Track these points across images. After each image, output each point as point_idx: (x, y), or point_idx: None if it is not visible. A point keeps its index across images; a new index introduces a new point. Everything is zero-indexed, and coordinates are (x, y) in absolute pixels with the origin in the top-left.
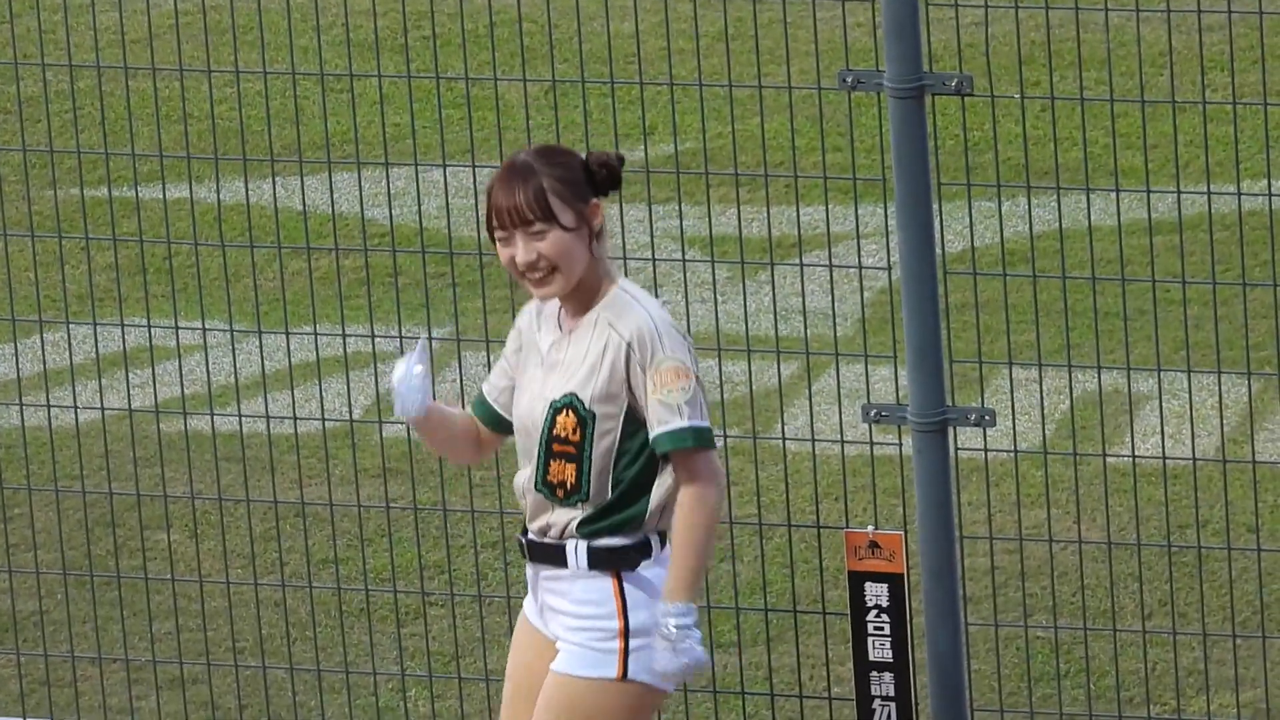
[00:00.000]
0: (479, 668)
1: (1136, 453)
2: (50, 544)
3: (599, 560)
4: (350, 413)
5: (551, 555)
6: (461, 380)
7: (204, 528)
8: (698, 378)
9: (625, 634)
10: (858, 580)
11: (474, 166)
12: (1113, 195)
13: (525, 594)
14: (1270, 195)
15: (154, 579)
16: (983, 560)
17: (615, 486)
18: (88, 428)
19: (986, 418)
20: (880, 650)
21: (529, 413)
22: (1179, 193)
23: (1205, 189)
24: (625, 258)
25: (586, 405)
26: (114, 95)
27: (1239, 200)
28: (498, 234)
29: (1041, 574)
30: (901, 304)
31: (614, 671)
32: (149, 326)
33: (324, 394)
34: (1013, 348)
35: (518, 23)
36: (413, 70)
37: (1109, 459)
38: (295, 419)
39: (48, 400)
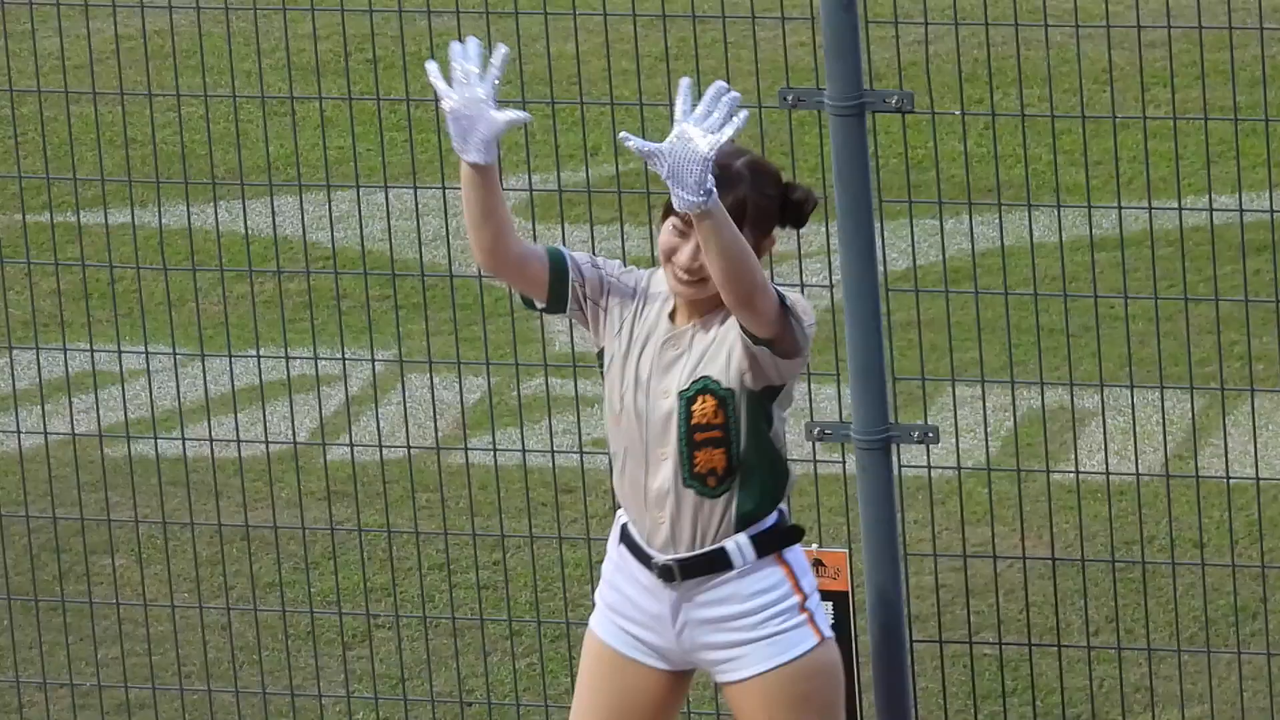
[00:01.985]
0: (425, 690)
1: (1081, 469)
2: None
3: (764, 547)
4: (294, 436)
5: (710, 564)
6: (405, 404)
7: (149, 552)
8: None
9: (804, 603)
10: None
11: (415, 187)
12: (1055, 212)
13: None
14: (1211, 211)
15: (99, 604)
16: (928, 578)
17: (764, 457)
18: (32, 453)
19: (930, 435)
20: None
21: (653, 410)
22: (1120, 209)
23: (1147, 205)
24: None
25: (724, 385)
26: (56, 120)
27: (1180, 216)
28: (677, 224)
29: (987, 591)
30: (844, 322)
31: (813, 639)
32: (92, 351)
33: (268, 417)
34: (956, 365)
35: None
36: (354, 93)
37: (1053, 475)
38: (239, 442)
39: None
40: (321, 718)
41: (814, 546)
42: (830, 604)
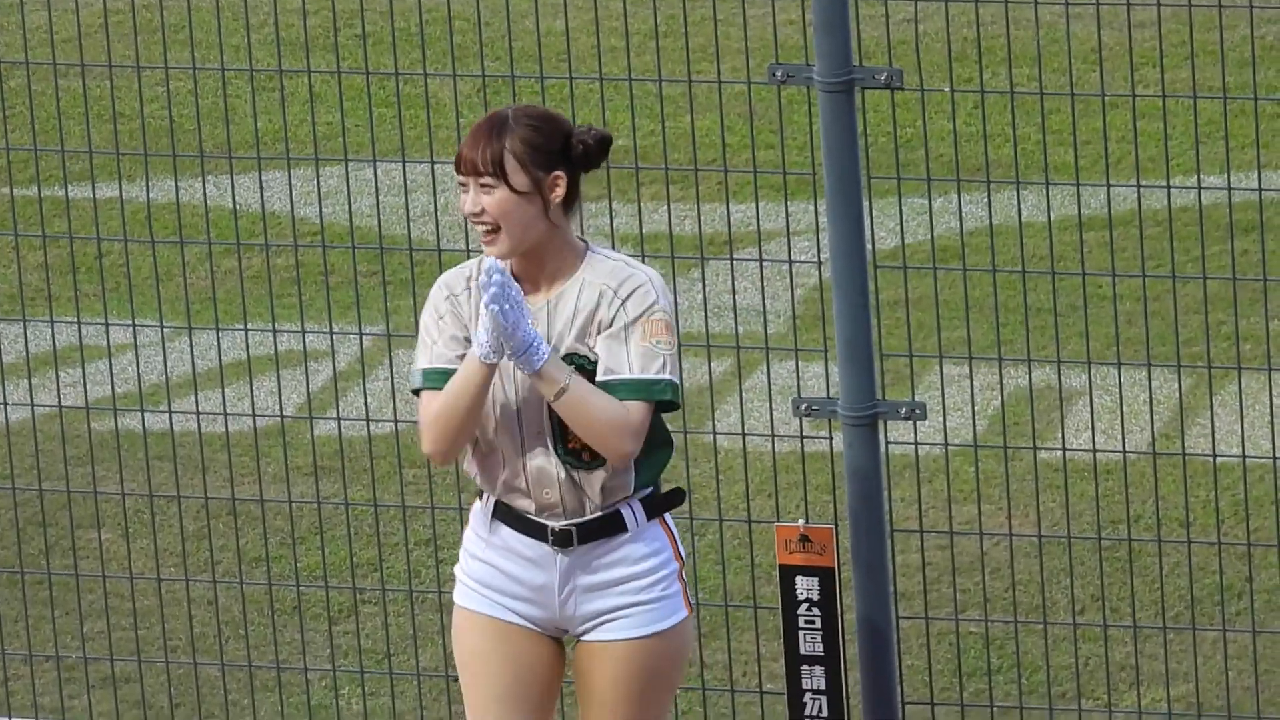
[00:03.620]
0: (411, 665)
1: (1068, 448)
2: None
3: (651, 510)
4: (281, 411)
5: (605, 527)
6: (393, 379)
7: (136, 526)
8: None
9: (680, 570)
10: (789, 574)
11: (404, 162)
12: (1043, 191)
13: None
14: (1200, 190)
15: (85, 577)
16: (914, 555)
17: None
18: (19, 426)
19: (917, 411)
20: (811, 644)
21: (515, 394)
22: (1109, 187)
23: (1136, 185)
24: None
25: (592, 359)
26: (44, 94)
27: (1169, 196)
28: (458, 179)
29: (973, 569)
30: (832, 299)
31: (684, 610)
32: (79, 325)
33: (255, 392)
34: (944, 343)
35: (448, 21)
36: (343, 68)
37: (1040, 454)
38: (226, 416)
39: None
40: (307, 692)
41: (800, 522)
42: (816, 579)
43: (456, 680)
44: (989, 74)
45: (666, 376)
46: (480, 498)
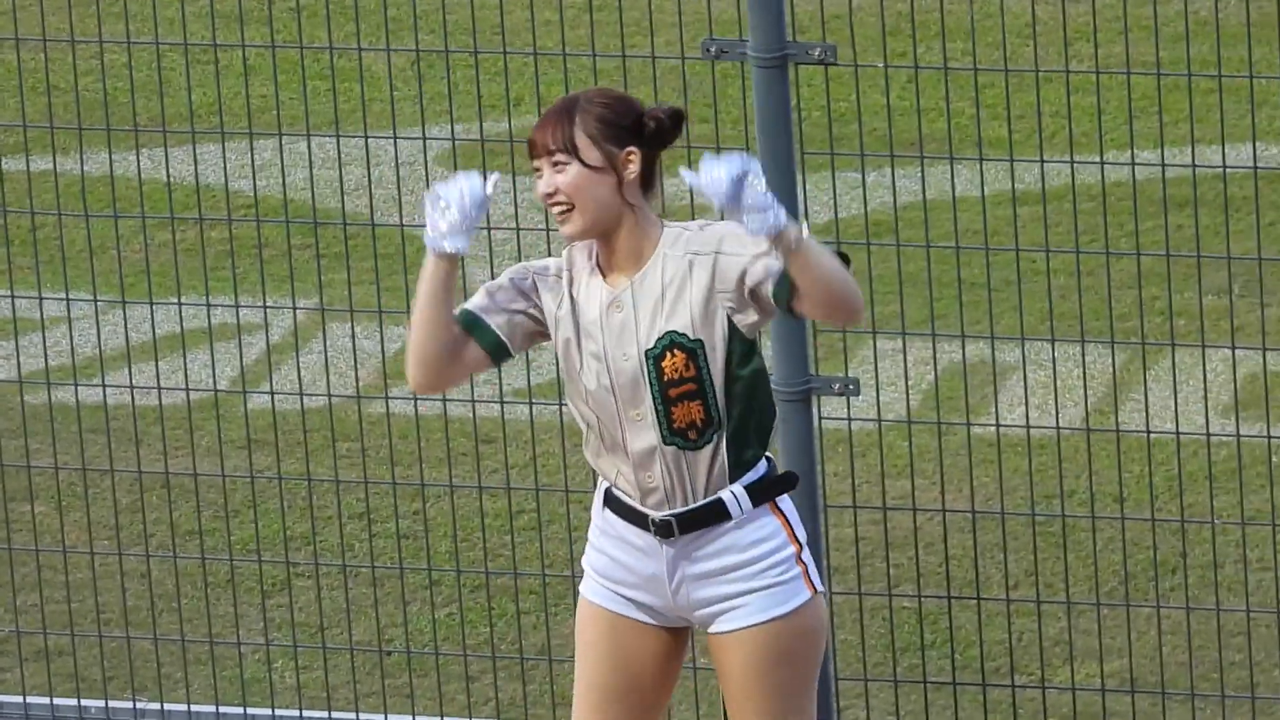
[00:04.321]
0: (344, 638)
1: (1001, 423)
2: None
3: (759, 496)
4: (215, 384)
5: (708, 516)
6: (326, 353)
7: (69, 499)
8: None
9: (800, 554)
10: None
11: (338, 135)
12: (977, 166)
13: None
14: (1134, 165)
15: (18, 550)
16: (848, 530)
17: (745, 402)
18: None
19: (851, 387)
20: None
21: (618, 375)
22: (1043, 163)
23: (1069, 160)
24: (490, 228)
25: (691, 336)
26: None
27: (1103, 171)
28: (532, 165)
29: (907, 544)
30: None
31: (806, 593)
32: (13, 298)
33: (189, 365)
34: (878, 318)
35: None
36: (277, 41)
37: (974, 429)
38: (160, 390)
39: None
40: (240, 665)
41: None
42: None
43: (390, 654)
44: (923, 49)
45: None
46: (597, 485)
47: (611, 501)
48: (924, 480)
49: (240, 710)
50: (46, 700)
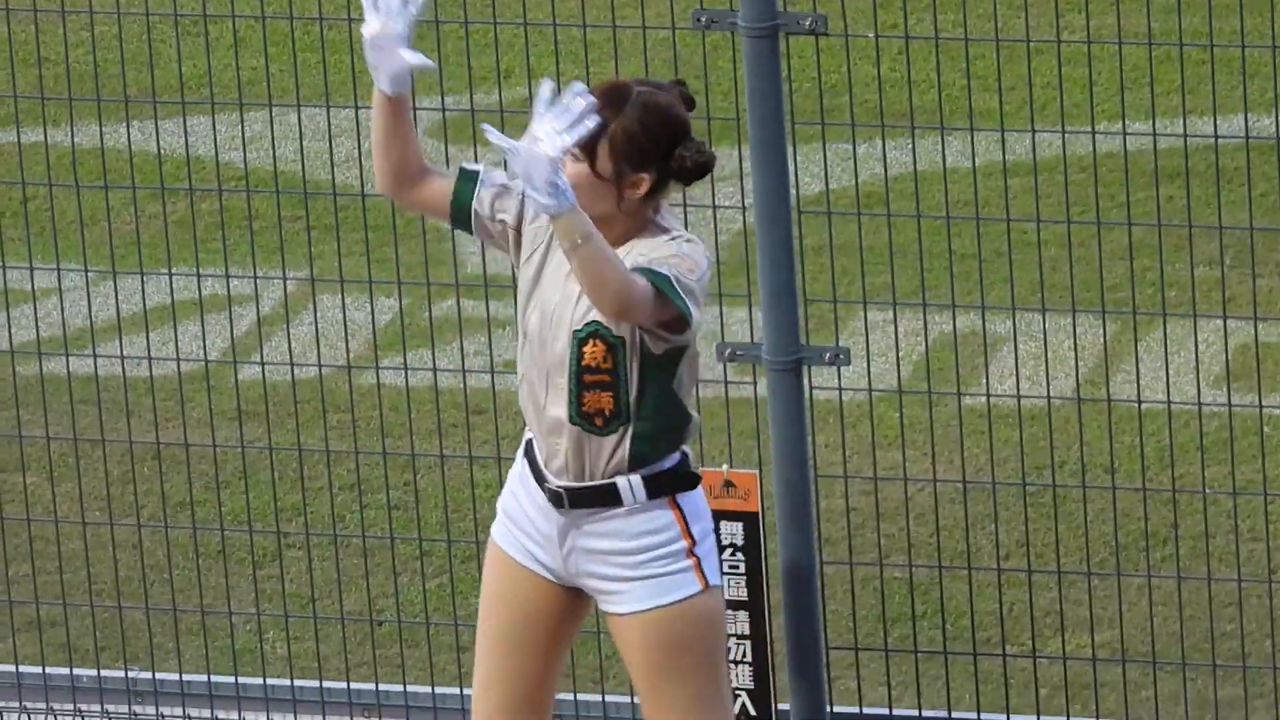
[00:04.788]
0: (335, 609)
1: (992, 393)
2: None
3: (657, 489)
4: (205, 355)
5: (599, 497)
6: (317, 324)
7: (60, 470)
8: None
9: (692, 549)
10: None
11: (328, 107)
12: (968, 137)
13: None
14: (1125, 136)
15: (10, 520)
16: (838, 501)
17: (655, 402)
18: None
19: (841, 357)
20: (735, 589)
21: (553, 341)
22: (1033, 133)
23: (1060, 130)
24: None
25: (615, 332)
26: None
27: (1094, 142)
28: (573, 152)
29: (897, 515)
30: (756, 245)
31: (697, 585)
32: (4, 269)
33: (180, 336)
34: (868, 289)
35: None
36: (268, 12)
37: (965, 400)
38: (151, 360)
39: None
40: (231, 636)
41: (724, 468)
42: (740, 525)
43: (381, 624)
44: (913, 20)
45: (679, 289)
46: (527, 429)
47: (529, 452)
48: (915, 451)
49: (232, 680)
50: (39, 670)
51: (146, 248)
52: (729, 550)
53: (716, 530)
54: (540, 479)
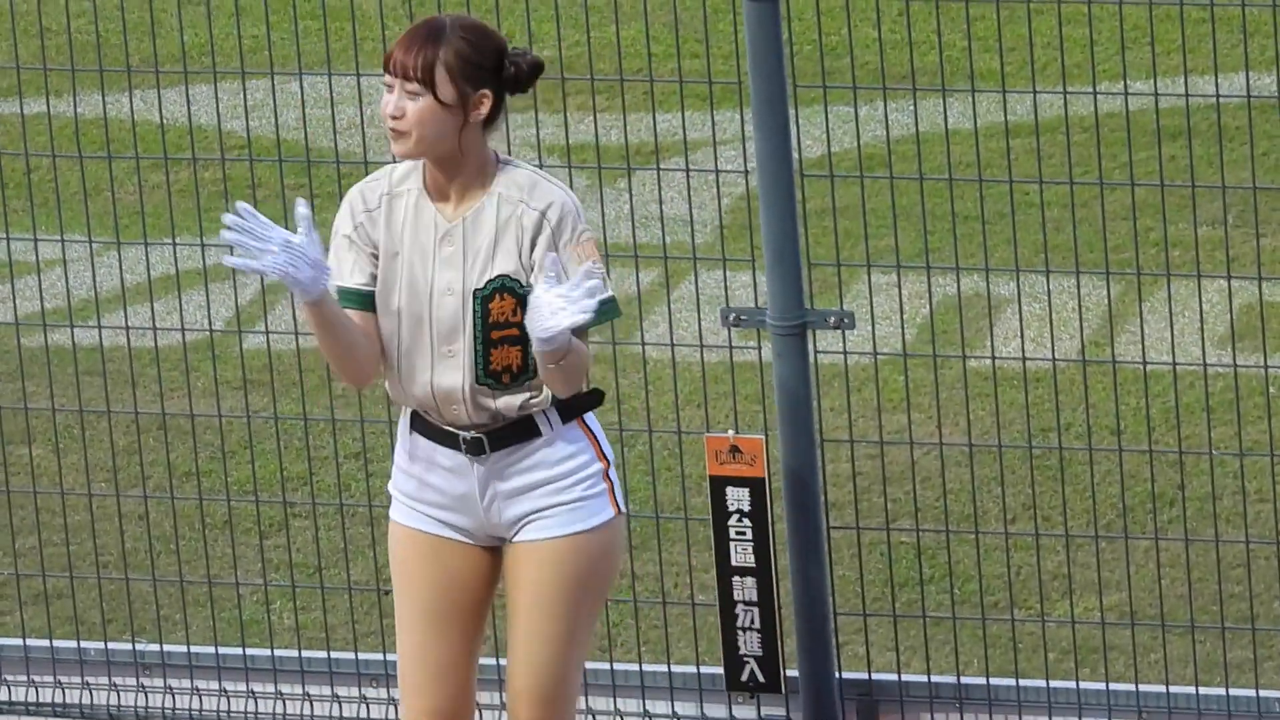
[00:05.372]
0: (342, 578)
1: (997, 356)
2: None
3: (567, 413)
4: (210, 325)
5: (518, 433)
6: None
7: (66, 441)
8: None
9: (607, 471)
10: (719, 485)
11: (330, 75)
12: (970, 98)
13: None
14: (1126, 96)
15: (16, 492)
16: (844, 465)
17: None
18: None
19: (846, 320)
20: (743, 555)
21: (437, 309)
22: (1035, 94)
23: (1062, 91)
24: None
25: (523, 282)
26: None
27: (1095, 102)
28: (385, 79)
29: (903, 479)
30: (759, 209)
31: (611, 510)
32: (8, 240)
33: (184, 306)
34: (872, 252)
35: None
36: None
37: (970, 362)
38: (155, 330)
39: None
40: (239, 606)
41: (730, 433)
42: (747, 490)
43: (388, 594)
44: None
45: (609, 294)
46: (403, 410)
47: (418, 424)
48: (920, 414)
49: (239, 651)
50: (46, 643)
51: (150, 217)
52: (736, 516)
53: (721, 497)
54: (448, 440)
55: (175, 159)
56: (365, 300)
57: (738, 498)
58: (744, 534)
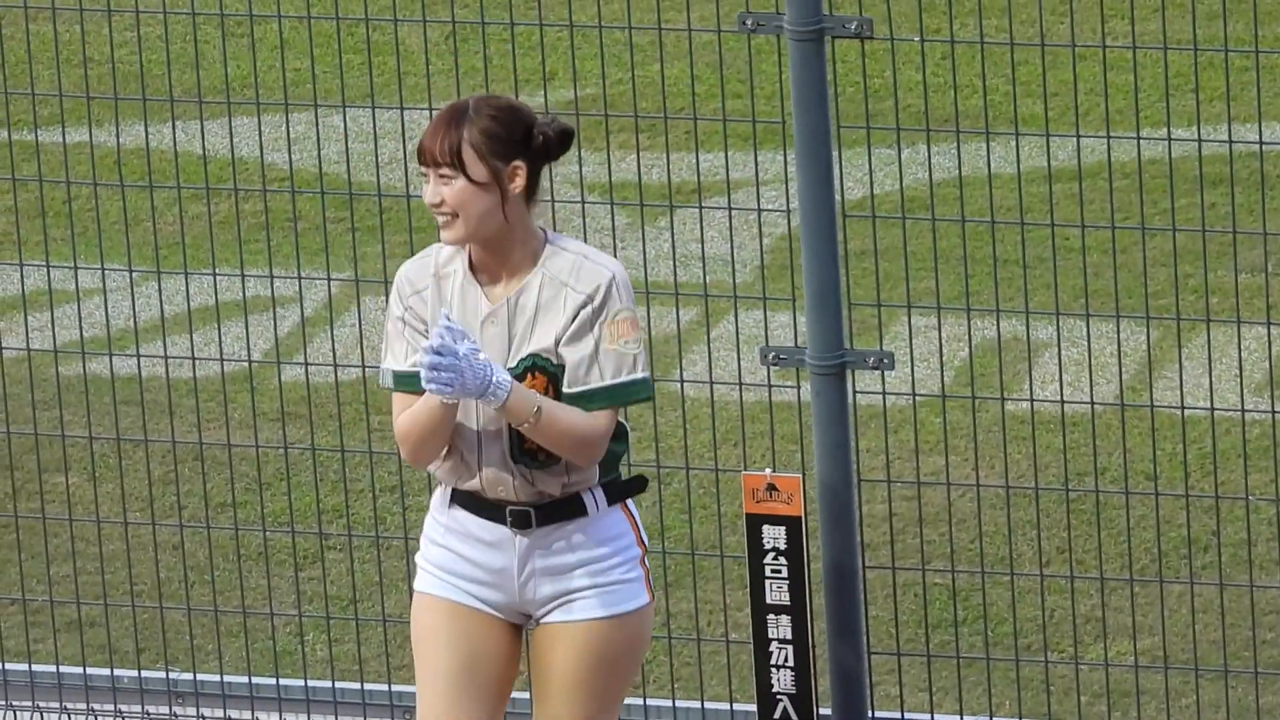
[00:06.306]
0: (376, 611)
1: (1035, 399)
2: None
3: (613, 495)
4: (249, 356)
5: (565, 510)
6: (360, 325)
7: (102, 470)
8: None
9: (644, 557)
10: (755, 523)
11: (374, 109)
12: (1012, 142)
13: (421, 539)
14: (1170, 142)
15: (52, 521)
16: (881, 506)
17: None
18: None
19: (885, 360)
20: (778, 593)
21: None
22: (1078, 139)
23: (1105, 136)
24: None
25: (554, 361)
26: (14, 39)
27: (1138, 147)
28: (420, 170)
29: (939, 520)
30: (800, 249)
31: (645, 596)
32: (48, 269)
33: (223, 337)
34: (912, 294)
35: None
36: (313, 14)
37: (1008, 405)
38: (194, 361)
39: None
40: (273, 637)
41: (767, 472)
42: (783, 529)
43: None
44: (958, 24)
45: (640, 375)
46: (441, 485)
47: (460, 497)
48: (957, 456)
49: (273, 681)
50: (80, 670)
51: (190, 248)
52: (772, 554)
53: (758, 535)
54: (493, 514)
55: (216, 190)
56: (413, 380)
57: (774, 536)
58: (779, 572)
